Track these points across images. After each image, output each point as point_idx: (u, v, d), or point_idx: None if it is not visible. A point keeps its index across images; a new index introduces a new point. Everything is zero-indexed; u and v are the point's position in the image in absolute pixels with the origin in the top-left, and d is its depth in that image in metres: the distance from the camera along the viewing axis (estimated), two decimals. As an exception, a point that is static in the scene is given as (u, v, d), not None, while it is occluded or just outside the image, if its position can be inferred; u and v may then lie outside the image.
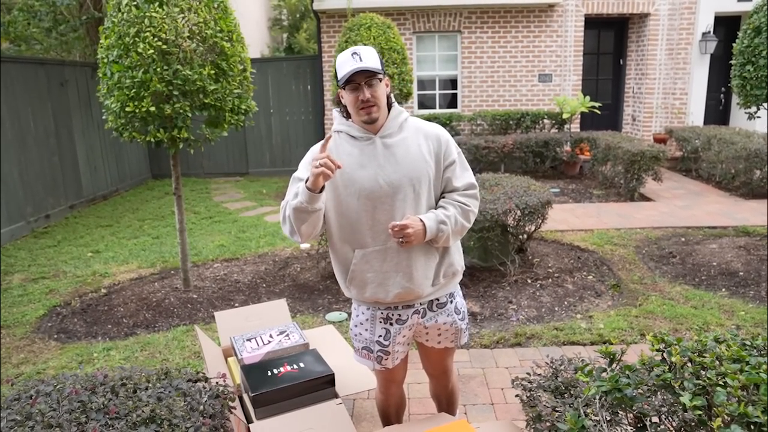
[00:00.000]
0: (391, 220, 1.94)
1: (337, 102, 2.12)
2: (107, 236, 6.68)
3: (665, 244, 5.51)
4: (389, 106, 2.01)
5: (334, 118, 2.07)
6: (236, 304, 4.50)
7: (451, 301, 2.16)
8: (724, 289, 4.38)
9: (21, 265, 5.69)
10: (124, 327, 4.22)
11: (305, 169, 1.97)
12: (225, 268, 5.39)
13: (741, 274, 4.63)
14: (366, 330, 2.11)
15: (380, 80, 1.91)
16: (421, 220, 1.93)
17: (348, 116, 2.02)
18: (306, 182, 1.85)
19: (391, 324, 2.08)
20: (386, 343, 2.09)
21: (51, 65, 7.62)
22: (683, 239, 5.63)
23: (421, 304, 2.09)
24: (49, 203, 7.36)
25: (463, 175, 2.08)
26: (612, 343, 3.55)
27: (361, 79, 1.87)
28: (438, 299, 2.11)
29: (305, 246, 5.91)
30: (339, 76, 1.90)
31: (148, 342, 3.90)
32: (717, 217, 6.31)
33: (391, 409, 2.40)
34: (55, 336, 4.12)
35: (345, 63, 1.88)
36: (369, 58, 1.88)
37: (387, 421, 2.44)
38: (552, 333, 3.71)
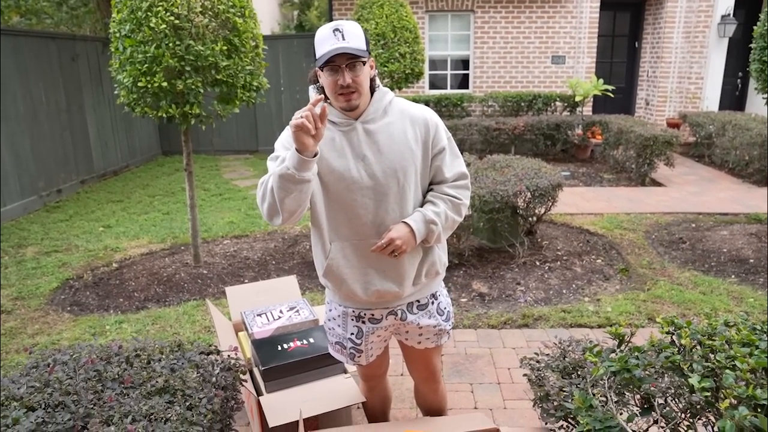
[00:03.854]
0: (369, 215, 1.78)
1: (314, 80, 1.84)
2: (118, 211, 6.73)
3: (675, 229, 5.48)
4: (372, 89, 1.78)
5: (311, 99, 1.70)
6: (246, 281, 4.54)
7: (433, 302, 1.98)
8: (733, 276, 4.36)
9: (34, 238, 5.76)
10: (136, 301, 4.28)
11: (283, 148, 1.76)
12: (234, 245, 5.43)
13: (751, 261, 4.60)
14: (339, 326, 1.99)
15: (364, 63, 1.68)
16: (408, 224, 1.78)
17: (326, 99, 1.78)
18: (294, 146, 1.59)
19: (364, 323, 1.95)
20: (358, 341, 1.97)
21: (62, 39, 7.61)
22: (694, 225, 5.60)
23: (398, 305, 1.93)
24: (61, 178, 7.42)
25: (453, 163, 1.89)
26: (620, 326, 3.56)
27: (342, 61, 1.63)
28: (419, 301, 1.95)
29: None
30: (317, 54, 1.66)
31: (159, 316, 3.95)
32: (729, 203, 6.26)
33: (376, 403, 2.29)
34: (68, 308, 4.19)
35: (325, 40, 1.64)
36: (353, 37, 1.64)
37: (372, 416, 2.33)
38: (559, 315, 3.73)
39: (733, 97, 10.12)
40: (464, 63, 9.93)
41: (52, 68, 7.29)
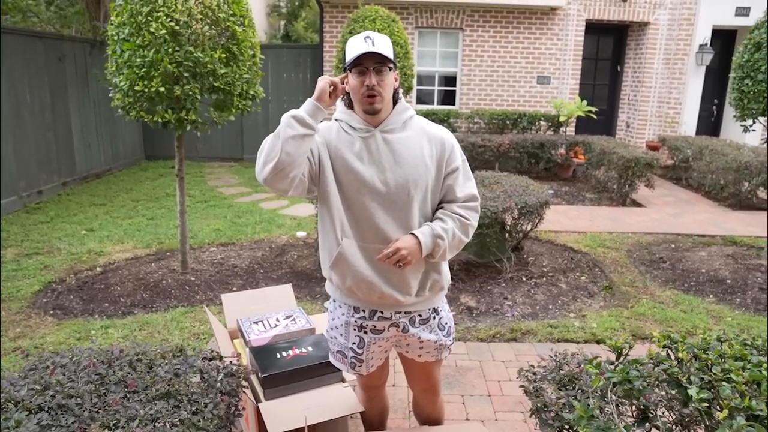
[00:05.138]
0: (376, 220, 1.84)
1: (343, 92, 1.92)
2: (101, 215, 6.64)
3: (656, 249, 5.63)
4: (395, 101, 1.89)
5: (336, 106, 1.94)
6: (234, 288, 4.52)
7: (435, 317, 2.02)
8: (711, 296, 4.50)
9: (14, 239, 5.64)
10: (122, 306, 4.22)
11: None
12: (221, 252, 5.40)
13: (728, 281, 4.76)
14: (341, 335, 2.02)
15: (390, 69, 1.79)
16: (416, 236, 1.82)
17: (351, 106, 1.90)
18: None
19: (365, 333, 1.98)
20: (360, 351, 2.00)
21: (50, 39, 7.53)
22: (673, 245, 5.76)
23: (399, 316, 1.96)
24: (42, 179, 7.29)
25: (465, 185, 1.95)
26: (605, 342, 3.64)
27: (370, 63, 1.76)
28: (420, 315, 1.99)
29: (301, 234, 5.94)
30: (347, 58, 1.78)
31: (146, 321, 3.91)
32: (706, 225, 6.45)
33: (374, 413, 2.31)
34: (51, 312, 4.12)
35: (356, 45, 1.76)
36: (382, 45, 1.76)
37: (370, 426, 2.35)
38: (546, 330, 3.80)
39: (709, 123, 10.46)
40: (451, 79, 10.09)
41: (38, 68, 7.19)
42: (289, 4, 22.00)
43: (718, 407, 1.49)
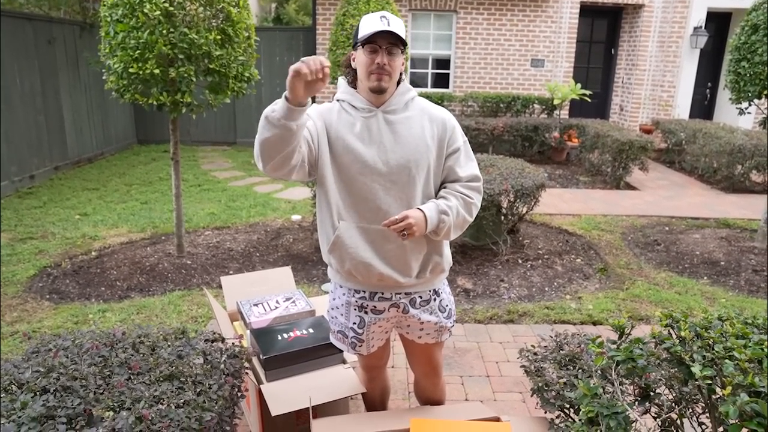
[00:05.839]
0: (377, 200, 1.84)
1: (346, 65, 1.93)
2: (94, 199, 6.58)
3: (650, 232, 5.67)
4: (398, 82, 1.88)
5: (339, 85, 1.94)
6: (231, 272, 4.52)
7: (435, 299, 2.03)
8: (706, 278, 4.55)
9: (7, 224, 5.59)
10: (118, 290, 4.21)
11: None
12: (217, 236, 5.39)
13: (722, 263, 4.81)
14: (341, 315, 2.03)
15: (401, 51, 1.80)
16: (422, 211, 1.81)
17: (353, 85, 1.90)
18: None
19: (366, 313, 1.99)
20: (360, 331, 2.01)
21: (39, 21, 7.39)
22: (667, 228, 5.81)
23: (400, 297, 1.97)
24: (34, 163, 7.21)
25: (468, 165, 1.95)
26: (602, 323, 3.68)
27: (383, 42, 1.76)
28: (421, 296, 1.99)
29: (296, 218, 5.93)
30: (360, 35, 1.78)
31: (143, 305, 3.91)
32: (699, 208, 6.50)
33: (375, 393, 2.33)
34: (47, 296, 4.10)
35: (371, 23, 1.76)
36: (397, 26, 1.77)
37: (371, 406, 2.37)
38: (543, 312, 3.83)
39: (702, 107, 10.49)
40: (444, 62, 10.02)
41: (28, 50, 7.07)
42: (280, -14, 21.69)
43: (720, 384, 1.51)
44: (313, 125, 1.83)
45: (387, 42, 1.76)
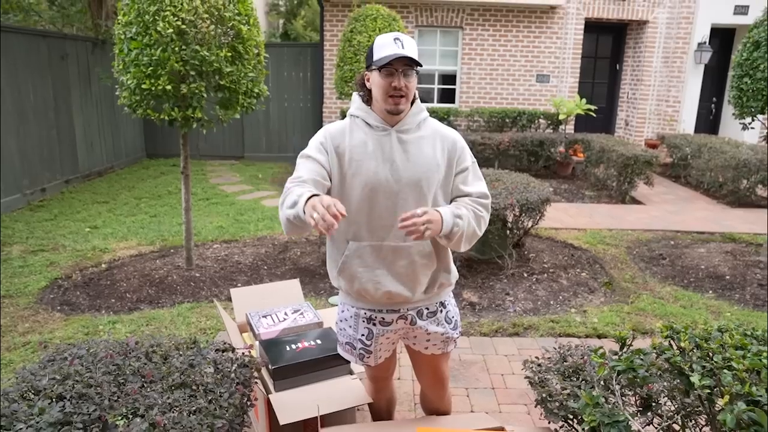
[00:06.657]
0: (390, 217, 1.87)
1: (360, 85, 1.96)
2: (104, 212, 6.68)
3: (655, 246, 5.69)
4: (412, 102, 1.93)
5: (353, 102, 1.97)
6: (239, 284, 4.57)
7: (441, 310, 2.07)
8: (711, 291, 4.56)
9: (19, 236, 5.68)
10: (128, 302, 4.27)
11: (315, 149, 1.89)
12: (225, 249, 5.45)
13: (727, 277, 4.82)
14: (350, 327, 2.08)
15: (417, 73, 1.86)
16: (438, 212, 1.81)
17: (368, 102, 1.93)
18: (306, 203, 1.64)
19: (374, 325, 2.03)
20: (368, 342, 2.05)
21: (53, 38, 7.56)
22: (672, 242, 5.82)
23: (407, 309, 2.01)
24: (46, 177, 7.33)
25: (476, 183, 2.00)
26: (606, 337, 3.70)
27: (399, 66, 1.80)
28: (428, 308, 2.04)
29: (304, 231, 5.98)
30: (375, 57, 1.82)
31: (153, 317, 3.96)
32: (705, 223, 6.52)
33: (382, 404, 2.36)
34: (59, 307, 4.16)
35: (386, 46, 1.81)
36: (411, 48, 1.82)
37: (378, 416, 2.40)
38: (548, 325, 3.85)
39: (708, 121, 10.52)
40: (450, 78, 10.14)
41: (42, 66, 7.23)
42: (288, 2, 22.03)
43: (719, 394, 1.54)
44: (325, 159, 1.88)
45: (403, 65, 1.81)
